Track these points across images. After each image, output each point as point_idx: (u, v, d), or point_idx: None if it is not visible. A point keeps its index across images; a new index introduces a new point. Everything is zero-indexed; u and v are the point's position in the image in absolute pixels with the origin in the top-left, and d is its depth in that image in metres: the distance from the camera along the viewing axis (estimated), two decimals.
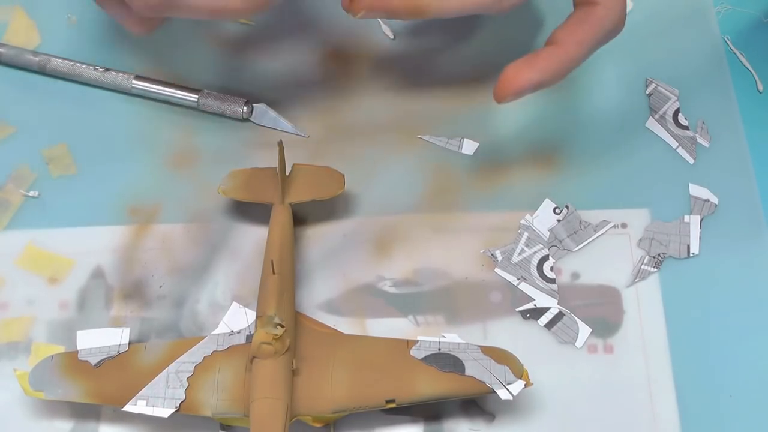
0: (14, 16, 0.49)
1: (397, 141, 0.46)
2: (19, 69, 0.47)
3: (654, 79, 0.47)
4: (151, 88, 0.46)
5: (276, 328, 0.36)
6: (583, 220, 0.43)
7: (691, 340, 0.41)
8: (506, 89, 0.38)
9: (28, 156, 0.45)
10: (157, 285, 0.42)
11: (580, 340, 0.41)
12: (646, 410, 0.39)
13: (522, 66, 0.38)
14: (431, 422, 0.39)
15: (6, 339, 0.41)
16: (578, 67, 0.39)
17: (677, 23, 0.48)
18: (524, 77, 0.38)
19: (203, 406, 0.37)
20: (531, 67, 0.38)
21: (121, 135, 0.46)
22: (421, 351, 0.38)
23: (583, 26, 0.38)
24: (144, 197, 0.44)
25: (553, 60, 0.38)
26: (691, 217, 0.43)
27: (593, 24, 0.38)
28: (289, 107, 0.46)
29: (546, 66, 0.38)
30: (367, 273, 0.42)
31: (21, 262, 0.43)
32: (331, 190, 0.42)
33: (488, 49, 0.48)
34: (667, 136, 0.45)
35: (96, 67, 0.46)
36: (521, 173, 0.45)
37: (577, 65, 0.39)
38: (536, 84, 0.38)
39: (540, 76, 0.38)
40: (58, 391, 0.38)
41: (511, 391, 0.37)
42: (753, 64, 0.47)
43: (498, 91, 0.38)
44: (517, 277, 0.42)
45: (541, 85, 0.38)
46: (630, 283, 0.42)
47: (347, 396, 0.37)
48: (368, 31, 0.48)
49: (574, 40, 0.38)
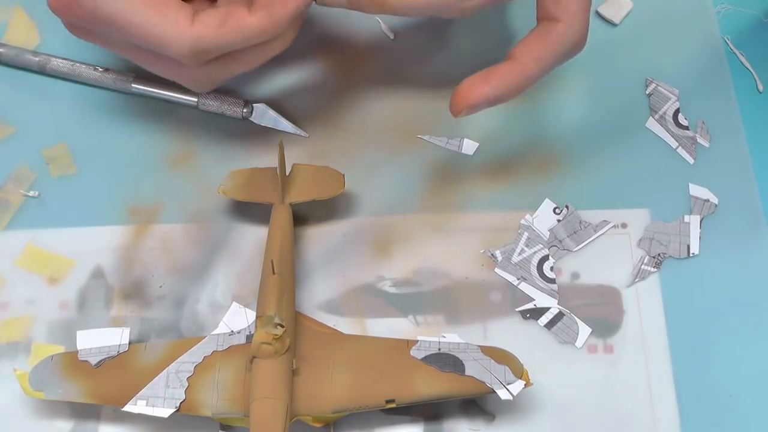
0: (14, 16, 0.49)
1: (397, 141, 0.46)
2: (19, 69, 0.47)
3: (654, 79, 0.47)
4: (151, 88, 0.46)
5: (276, 328, 0.36)
6: (583, 220, 0.43)
7: (691, 340, 0.41)
8: (460, 103, 0.38)
9: (28, 156, 0.45)
10: (157, 285, 0.42)
11: (580, 340, 0.41)
12: (646, 410, 0.39)
13: (477, 81, 0.38)
14: (431, 422, 0.39)
15: (6, 339, 0.41)
16: (535, 83, 0.38)
17: (677, 23, 0.48)
18: (478, 92, 0.37)
19: (203, 406, 0.37)
20: (486, 82, 0.37)
21: (121, 135, 0.46)
22: (421, 351, 0.38)
23: (542, 42, 0.38)
24: (144, 197, 0.44)
25: (509, 76, 0.38)
26: (691, 217, 0.43)
27: (552, 41, 0.38)
28: (289, 107, 0.46)
29: (501, 81, 0.37)
30: (367, 273, 0.42)
31: (21, 262, 0.43)
32: (331, 190, 0.42)
33: (488, 48, 0.48)
34: (667, 136, 0.45)
35: (96, 67, 0.46)
36: (521, 173, 0.45)
37: (534, 82, 0.38)
38: (491, 99, 0.38)
39: (494, 91, 0.37)
40: (58, 391, 0.38)
41: (511, 391, 0.37)
42: (753, 64, 0.47)
43: (453, 105, 0.38)
44: (517, 277, 0.42)
45: (496, 100, 0.38)
46: (630, 283, 0.42)
47: (347, 396, 0.37)
48: (368, 31, 0.48)
49: (532, 56, 0.38)
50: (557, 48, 0.38)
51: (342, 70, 0.47)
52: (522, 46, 0.38)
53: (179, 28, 0.36)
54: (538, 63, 0.38)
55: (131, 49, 0.39)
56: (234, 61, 0.39)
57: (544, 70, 0.38)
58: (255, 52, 0.38)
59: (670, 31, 0.48)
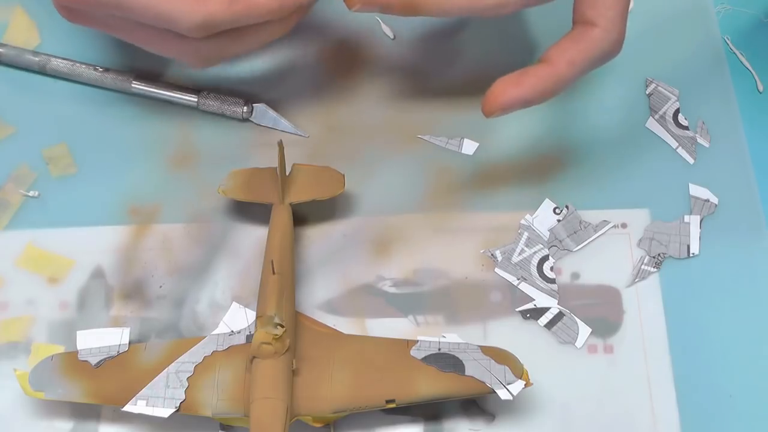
0: (14, 16, 0.49)
1: (397, 141, 0.46)
2: (19, 69, 0.47)
3: (654, 79, 0.47)
4: (151, 88, 0.46)
5: (276, 328, 0.36)
6: (583, 220, 0.43)
7: (691, 340, 0.41)
8: (493, 105, 0.37)
9: (28, 156, 0.45)
10: (157, 285, 0.42)
11: (580, 340, 0.41)
12: (646, 410, 0.39)
13: (510, 83, 0.37)
14: (431, 422, 0.39)
15: (6, 339, 0.41)
16: (568, 87, 0.38)
17: (677, 23, 0.48)
18: (511, 94, 0.37)
19: (203, 406, 0.37)
20: (519, 84, 0.37)
21: (121, 135, 0.46)
22: (421, 351, 0.38)
23: (578, 46, 0.37)
24: (144, 197, 0.44)
25: (542, 78, 0.37)
26: (691, 217, 0.43)
27: (588, 46, 0.37)
28: (289, 107, 0.46)
29: (534, 84, 0.37)
30: (367, 273, 0.42)
31: (21, 262, 0.43)
32: (331, 190, 0.42)
33: (488, 48, 0.48)
34: (667, 136, 0.45)
35: (96, 67, 0.46)
36: (521, 173, 0.45)
37: (567, 86, 0.38)
38: (523, 101, 0.37)
39: (527, 94, 0.37)
40: (58, 391, 0.38)
41: (511, 391, 0.37)
42: (753, 64, 0.47)
43: (485, 105, 0.38)
44: (517, 277, 0.42)
45: (528, 102, 0.37)
46: (630, 283, 0.42)
47: (347, 396, 0.37)
48: (368, 31, 0.48)
49: (566, 59, 0.37)
50: (592, 53, 0.37)
51: (342, 70, 0.47)
52: (556, 49, 0.38)
53: (191, 3, 0.37)
54: (571, 67, 0.37)
55: (132, 29, 0.39)
56: (239, 39, 0.39)
57: (578, 74, 0.38)
58: (256, 32, 0.39)
59: (670, 31, 0.48)
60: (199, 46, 0.39)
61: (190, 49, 0.39)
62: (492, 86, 0.38)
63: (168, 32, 0.38)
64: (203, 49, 0.39)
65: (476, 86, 0.46)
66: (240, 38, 0.39)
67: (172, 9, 0.37)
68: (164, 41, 0.39)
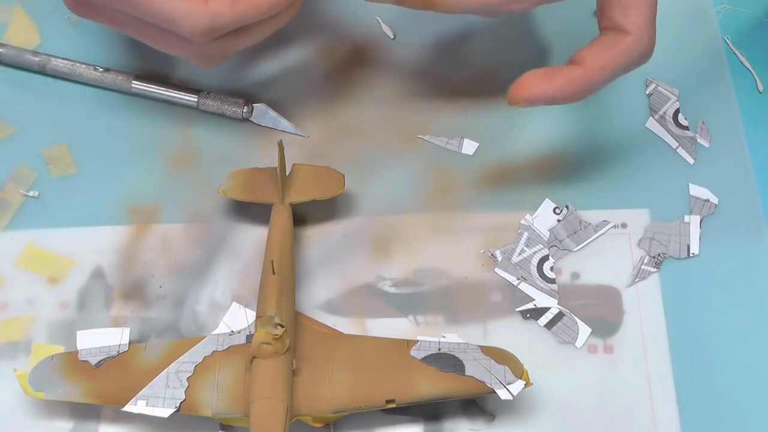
0: (14, 16, 0.49)
1: (397, 141, 0.46)
2: (19, 69, 0.47)
3: (654, 79, 0.47)
4: (151, 88, 0.46)
5: (276, 328, 0.36)
6: (583, 220, 0.43)
7: (691, 340, 0.41)
8: (519, 94, 0.37)
9: (28, 156, 0.45)
10: (157, 285, 0.42)
11: (580, 340, 0.41)
12: (646, 410, 0.39)
13: (541, 77, 0.37)
14: (431, 422, 0.39)
15: (6, 339, 0.41)
16: (596, 92, 0.38)
17: (677, 23, 0.48)
18: (539, 89, 0.37)
19: (203, 406, 0.37)
20: (549, 80, 0.37)
21: (121, 135, 0.46)
22: (421, 351, 0.38)
23: (611, 52, 0.37)
24: (144, 197, 0.44)
25: (573, 80, 0.37)
26: (691, 217, 0.43)
27: (620, 52, 0.37)
28: (289, 107, 0.46)
29: (564, 84, 0.37)
30: (367, 273, 0.42)
31: (21, 262, 0.43)
32: (331, 190, 0.42)
33: (488, 48, 0.48)
34: (667, 136, 0.45)
35: (96, 67, 0.46)
36: (521, 173, 0.45)
37: (596, 90, 0.38)
38: (549, 99, 0.37)
39: (555, 92, 0.37)
40: (58, 391, 0.38)
41: (511, 391, 0.37)
42: (753, 64, 0.47)
43: (512, 93, 0.37)
44: (517, 277, 0.42)
45: (554, 100, 0.37)
46: (630, 283, 0.42)
47: (347, 396, 0.37)
48: (368, 31, 0.48)
49: (599, 64, 0.37)
50: (624, 59, 0.37)
51: (342, 70, 0.47)
52: (589, 52, 0.37)
53: (194, 6, 0.36)
54: (602, 72, 0.37)
55: (137, 26, 0.39)
56: (244, 34, 0.39)
57: (608, 80, 0.38)
58: (262, 25, 0.39)
59: (670, 32, 0.48)
60: (202, 47, 0.39)
61: (194, 47, 0.39)
62: (522, 76, 0.37)
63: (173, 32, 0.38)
64: (208, 48, 0.39)
65: (476, 86, 0.47)
66: (245, 33, 0.39)
67: (176, 10, 0.36)
68: (169, 39, 0.39)
